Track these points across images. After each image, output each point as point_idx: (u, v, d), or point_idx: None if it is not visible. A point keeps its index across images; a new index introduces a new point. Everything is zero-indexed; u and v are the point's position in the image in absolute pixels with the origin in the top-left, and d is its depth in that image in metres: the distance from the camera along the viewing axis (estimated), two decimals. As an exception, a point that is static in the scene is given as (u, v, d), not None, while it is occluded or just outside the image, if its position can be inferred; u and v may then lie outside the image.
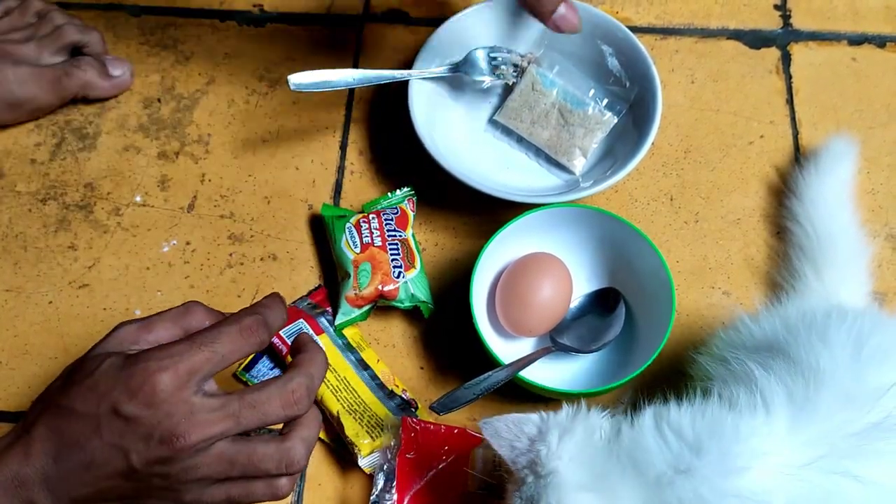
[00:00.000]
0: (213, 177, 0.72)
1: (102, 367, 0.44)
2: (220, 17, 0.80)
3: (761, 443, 0.43)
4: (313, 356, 0.49)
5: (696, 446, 0.44)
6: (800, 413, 0.44)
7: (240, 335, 0.46)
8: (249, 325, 0.46)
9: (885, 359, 0.46)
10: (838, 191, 0.66)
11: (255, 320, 0.47)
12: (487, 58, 0.72)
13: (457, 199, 0.70)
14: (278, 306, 0.49)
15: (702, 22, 0.79)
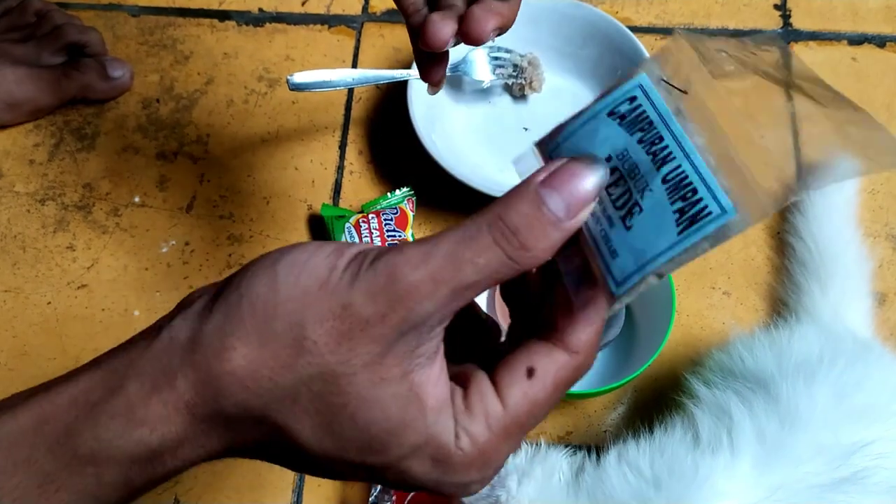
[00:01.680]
0: (212, 177, 0.72)
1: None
2: (219, 17, 0.80)
3: (721, 483, 0.43)
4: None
5: (655, 485, 0.44)
6: (767, 455, 0.45)
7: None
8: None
9: (865, 416, 0.46)
10: (842, 209, 0.66)
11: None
12: (487, 58, 0.72)
13: (456, 200, 0.69)
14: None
15: (702, 22, 0.79)
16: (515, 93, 0.74)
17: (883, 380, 0.48)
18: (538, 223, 0.28)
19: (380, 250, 0.29)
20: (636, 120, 0.31)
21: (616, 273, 0.29)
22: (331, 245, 0.30)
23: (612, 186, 0.30)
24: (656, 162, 0.30)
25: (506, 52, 0.72)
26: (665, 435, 0.48)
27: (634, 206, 0.30)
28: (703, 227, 0.28)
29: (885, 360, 0.51)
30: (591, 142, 0.31)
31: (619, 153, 0.31)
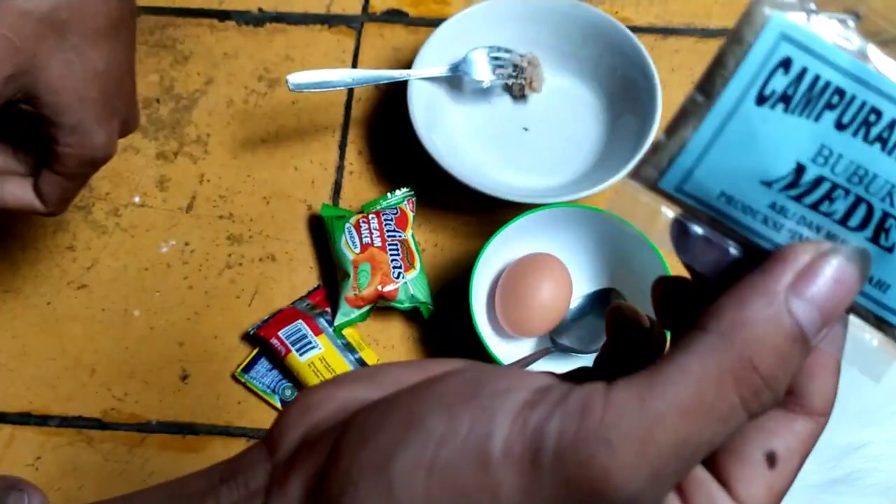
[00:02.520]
0: (212, 177, 0.72)
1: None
2: (219, 17, 0.80)
3: None
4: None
5: None
6: None
7: None
8: None
9: (860, 418, 0.46)
10: None
11: None
12: (487, 58, 0.72)
13: (456, 200, 0.69)
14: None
15: (702, 22, 0.79)
16: (515, 93, 0.73)
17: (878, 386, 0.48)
18: (791, 358, 0.20)
19: (561, 429, 0.19)
20: (813, 94, 0.21)
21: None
22: (465, 416, 0.20)
23: (823, 202, 0.21)
24: (892, 150, 0.20)
25: (506, 52, 0.72)
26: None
27: (886, 218, 0.21)
28: None
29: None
30: (752, 154, 0.21)
31: (815, 156, 0.21)
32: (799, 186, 0.21)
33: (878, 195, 0.21)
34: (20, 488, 0.60)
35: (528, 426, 0.19)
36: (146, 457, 0.62)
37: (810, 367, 0.22)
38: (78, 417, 0.64)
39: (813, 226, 0.21)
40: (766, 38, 0.20)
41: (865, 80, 0.20)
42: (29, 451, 0.62)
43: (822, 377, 0.22)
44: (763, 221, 0.22)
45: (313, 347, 0.62)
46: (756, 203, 0.21)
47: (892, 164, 0.21)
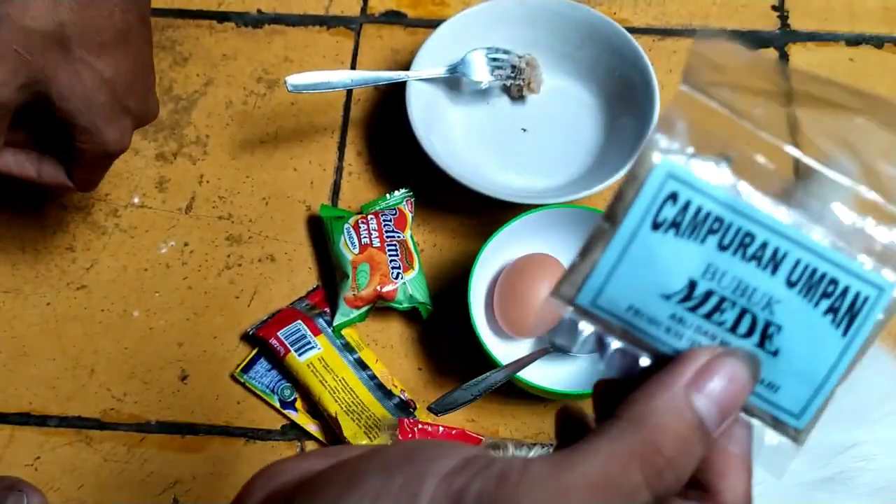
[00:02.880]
0: (212, 178, 0.72)
1: None
2: (218, 19, 0.80)
3: None
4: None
5: None
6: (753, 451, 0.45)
7: None
8: None
9: (853, 418, 0.46)
10: None
11: None
12: (486, 59, 0.72)
13: (455, 201, 0.70)
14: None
15: (700, 22, 0.79)
16: (514, 94, 0.74)
17: (873, 382, 0.48)
18: (692, 446, 0.22)
19: (479, 492, 0.21)
20: (697, 221, 0.24)
21: (789, 406, 0.25)
22: (398, 476, 0.22)
23: (715, 313, 0.24)
24: (765, 266, 0.24)
25: (504, 54, 0.73)
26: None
27: (768, 326, 0.24)
28: (868, 315, 0.24)
29: (876, 362, 0.51)
30: (652, 272, 0.24)
31: (704, 273, 0.24)
32: (693, 299, 0.24)
33: (758, 305, 0.24)
34: (19, 488, 0.60)
35: (452, 488, 0.22)
36: (145, 457, 0.62)
37: (721, 468, 0.24)
38: (77, 417, 0.64)
39: (708, 334, 0.25)
40: (656, 176, 0.24)
41: (738, 210, 0.24)
42: (28, 451, 0.62)
43: (733, 476, 0.25)
44: (666, 330, 0.25)
45: (312, 348, 0.62)
46: (659, 314, 0.25)
47: (767, 278, 0.24)
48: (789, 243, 0.24)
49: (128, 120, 0.55)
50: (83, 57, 0.51)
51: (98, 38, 0.51)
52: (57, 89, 0.51)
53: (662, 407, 0.22)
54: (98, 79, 0.52)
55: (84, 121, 0.52)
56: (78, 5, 0.49)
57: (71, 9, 0.49)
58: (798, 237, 0.24)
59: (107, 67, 0.52)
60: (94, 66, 0.51)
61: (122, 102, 0.54)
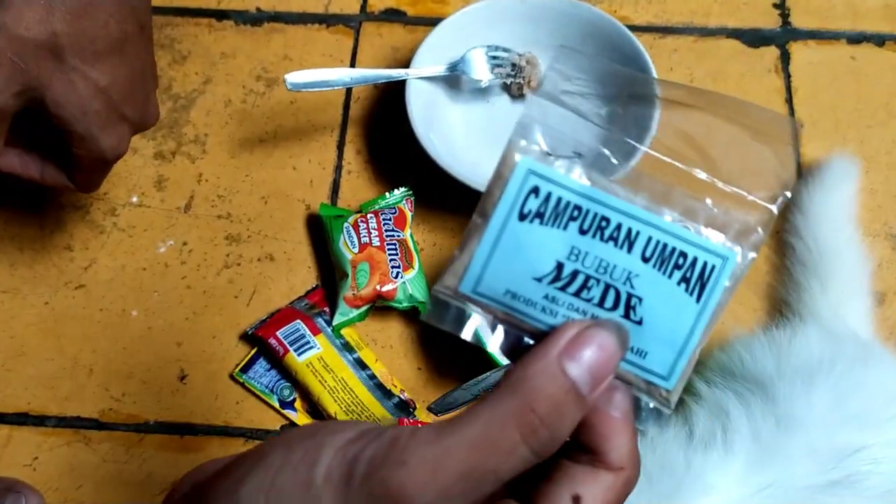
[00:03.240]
0: (210, 177, 0.72)
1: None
2: (217, 17, 0.80)
3: (711, 478, 0.44)
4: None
5: (647, 479, 0.44)
6: (761, 454, 0.45)
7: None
8: None
9: (860, 420, 0.46)
10: (842, 209, 0.66)
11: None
12: (486, 57, 0.72)
13: (455, 200, 0.69)
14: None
15: (701, 21, 0.79)
16: (514, 92, 0.73)
17: (880, 384, 0.48)
18: (566, 406, 0.25)
19: (372, 456, 0.24)
20: (559, 210, 0.27)
21: (658, 369, 0.27)
22: (298, 449, 0.25)
23: (582, 290, 0.27)
24: (622, 245, 0.27)
25: (504, 52, 0.72)
26: (658, 431, 0.48)
27: (630, 298, 0.27)
28: (717, 282, 0.27)
29: (883, 365, 0.51)
30: (523, 258, 0.27)
31: (569, 255, 0.27)
32: (561, 279, 0.27)
33: (619, 280, 0.27)
34: (17, 490, 0.59)
35: (347, 455, 0.24)
36: (144, 457, 0.62)
37: (604, 431, 0.27)
38: (76, 418, 0.63)
39: (579, 310, 0.27)
40: (518, 173, 0.27)
41: (593, 198, 0.27)
42: (26, 451, 0.62)
43: (616, 437, 0.27)
44: (542, 310, 0.27)
45: (311, 347, 0.62)
46: (533, 296, 0.27)
47: (624, 256, 0.27)
48: (640, 224, 0.27)
49: (125, 127, 0.56)
50: (77, 66, 0.51)
51: (92, 47, 0.51)
52: (51, 97, 0.51)
53: (537, 374, 0.25)
54: (93, 87, 0.52)
55: (79, 128, 0.53)
56: (71, 16, 0.50)
57: (64, 19, 0.49)
58: (647, 218, 0.27)
59: (102, 76, 0.52)
60: (89, 74, 0.52)
61: (119, 110, 0.54)
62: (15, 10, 0.48)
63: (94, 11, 0.51)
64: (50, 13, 0.49)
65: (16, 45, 0.49)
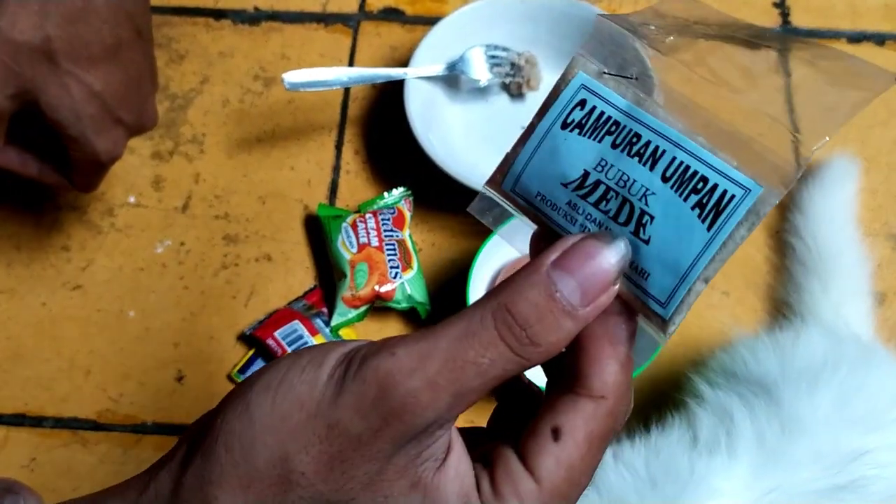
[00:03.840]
0: (208, 177, 0.72)
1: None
2: (215, 16, 0.80)
3: (715, 483, 0.43)
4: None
5: (651, 484, 0.44)
6: (765, 459, 0.44)
7: None
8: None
9: (865, 423, 0.46)
10: (842, 209, 0.65)
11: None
12: (485, 56, 0.72)
13: (453, 199, 0.69)
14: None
15: (700, 20, 0.79)
16: (513, 91, 0.73)
17: (885, 387, 0.48)
18: (550, 314, 0.25)
19: (366, 352, 0.25)
20: (598, 124, 0.28)
21: (657, 293, 0.26)
22: (306, 355, 0.27)
23: (602, 202, 0.27)
24: (645, 162, 0.27)
25: (503, 51, 0.72)
26: (661, 435, 0.47)
27: (643, 215, 0.26)
28: (733, 213, 0.25)
29: (888, 367, 0.51)
30: (556, 163, 0.28)
31: (595, 165, 0.27)
32: (584, 188, 0.28)
33: (636, 196, 0.27)
34: (15, 491, 0.59)
35: (346, 357, 0.26)
36: (141, 458, 0.62)
37: (592, 354, 0.26)
38: (73, 419, 0.63)
39: (595, 220, 0.27)
40: (572, 86, 0.29)
41: (634, 116, 0.27)
42: (24, 452, 0.62)
43: (603, 363, 0.26)
44: (564, 216, 0.28)
45: (310, 348, 0.62)
46: (559, 201, 0.28)
47: (645, 172, 0.27)
48: (669, 143, 0.27)
49: (120, 130, 0.56)
50: (71, 70, 0.52)
51: (86, 51, 0.52)
52: (46, 100, 0.52)
53: (523, 279, 0.25)
54: (87, 91, 0.52)
55: (74, 131, 0.53)
56: (65, 20, 0.50)
57: (58, 24, 0.50)
58: (677, 139, 0.27)
59: (96, 81, 0.53)
60: (83, 79, 0.52)
61: (114, 114, 0.55)
62: (9, 14, 0.49)
63: (88, 17, 0.51)
64: (44, 18, 0.50)
65: (10, 48, 0.49)
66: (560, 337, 0.25)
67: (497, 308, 0.25)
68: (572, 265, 0.25)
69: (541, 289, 0.25)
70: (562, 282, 0.25)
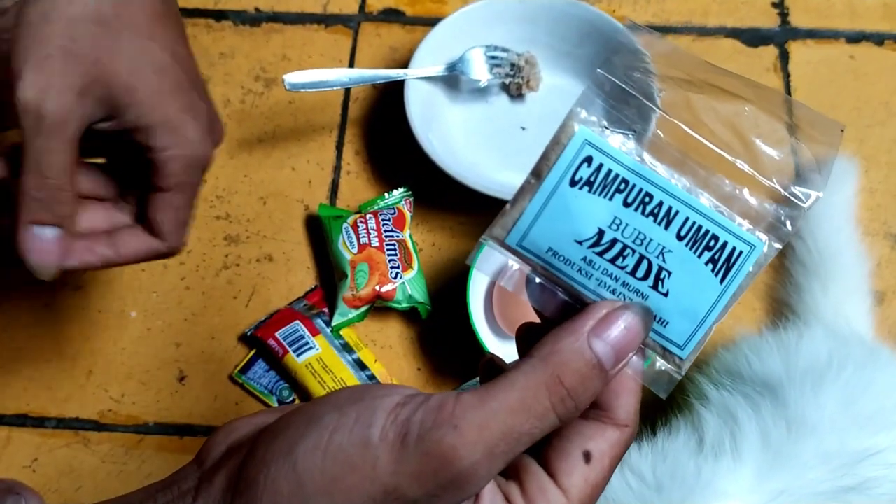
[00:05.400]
0: (209, 177, 0.72)
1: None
2: (216, 17, 0.80)
3: (722, 487, 0.43)
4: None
5: (658, 489, 0.44)
6: (772, 461, 0.44)
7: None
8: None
9: (873, 423, 0.46)
10: (842, 209, 0.66)
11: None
12: (485, 57, 0.72)
13: (454, 200, 0.69)
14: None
15: (700, 20, 0.79)
16: (513, 92, 0.73)
17: (891, 387, 0.48)
18: (591, 380, 0.27)
19: (423, 418, 0.26)
20: (607, 181, 0.29)
21: (676, 338, 0.30)
22: (352, 412, 0.27)
23: (618, 258, 0.29)
24: (660, 221, 0.29)
25: (503, 52, 0.72)
26: (668, 439, 0.47)
27: (661, 271, 0.29)
28: (742, 267, 0.29)
29: (892, 366, 0.50)
30: (568, 221, 0.29)
31: (611, 224, 0.29)
32: (601, 245, 0.29)
33: (653, 253, 0.29)
34: (17, 492, 0.59)
35: (399, 418, 0.26)
36: (143, 458, 0.62)
37: (616, 389, 0.29)
38: (75, 419, 0.63)
39: (612, 276, 0.29)
40: (576, 142, 0.29)
41: (641, 174, 0.29)
42: (26, 452, 0.62)
43: (625, 396, 0.29)
44: (578, 271, 0.30)
45: (311, 348, 0.62)
46: (573, 256, 0.30)
47: (661, 231, 0.29)
48: (680, 204, 0.29)
49: (203, 120, 0.46)
50: (133, 39, 0.43)
51: (140, 15, 0.44)
52: (118, 82, 0.42)
53: (567, 348, 0.27)
54: (157, 62, 0.44)
55: (159, 115, 0.43)
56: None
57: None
58: (687, 199, 0.29)
59: (161, 50, 0.44)
60: (149, 48, 0.44)
61: (189, 96, 0.45)
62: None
63: None
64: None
65: (61, 26, 0.41)
66: (594, 396, 0.28)
67: (551, 381, 0.27)
68: (607, 333, 0.28)
69: (585, 358, 0.27)
70: (600, 349, 0.28)
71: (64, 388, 0.64)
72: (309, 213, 0.70)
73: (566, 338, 0.28)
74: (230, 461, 0.28)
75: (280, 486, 0.26)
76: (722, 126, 0.30)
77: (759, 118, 0.30)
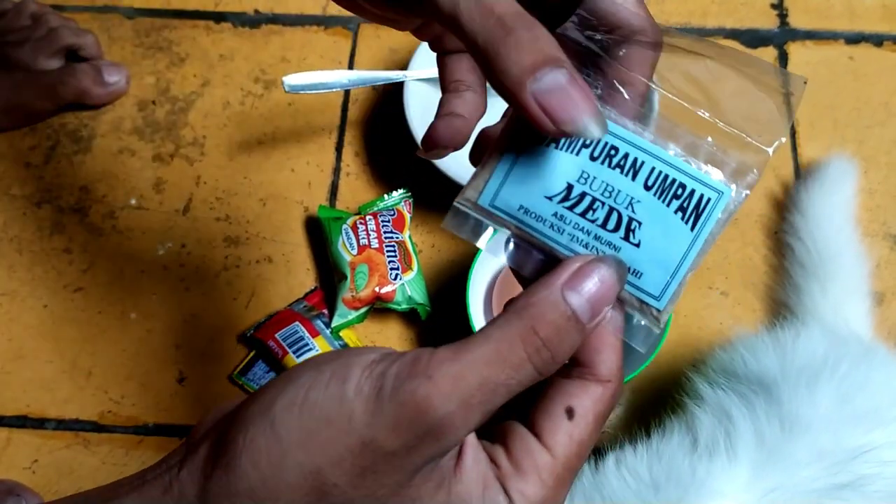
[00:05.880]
0: (209, 179, 0.72)
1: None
2: (215, 19, 0.80)
3: (716, 485, 0.43)
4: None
5: (654, 488, 0.44)
6: (766, 459, 0.44)
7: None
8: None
9: (867, 420, 0.46)
10: (841, 209, 0.66)
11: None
12: (483, 58, 0.72)
13: (453, 201, 0.69)
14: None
15: (699, 21, 0.79)
16: (512, 93, 0.73)
17: (886, 384, 0.48)
18: (567, 332, 0.27)
19: (398, 371, 0.26)
20: (573, 139, 0.29)
21: (651, 289, 0.30)
22: (327, 369, 0.27)
23: (588, 212, 0.29)
24: (627, 173, 0.29)
25: (502, 53, 0.72)
26: (663, 439, 0.47)
27: (631, 222, 0.29)
28: (711, 214, 0.29)
29: (889, 364, 0.50)
30: (536, 178, 0.30)
31: (578, 178, 0.29)
32: (570, 199, 0.29)
33: (622, 205, 0.29)
34: (17, 492, 0.60)
35: (374, 372, 0.26)
36: (143, 459, 0.62)
37: (596, 345, 0.29)
38: (75, 420, 0.63)
39: (584, 229, 0.29)
40: None
41: (608, 130, 0.29)
42: (26, 454, 0.62)
43: (606, 352, 0.29)
44: (551, 227, 0.30)
45: (310, 349, 0.62)
46: (544, 213, 0.30)
47: (628, 182, 0.29)
48: (645, 155, 0.29)
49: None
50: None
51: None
52: None
53: (541, 301, 0.27)
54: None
55: None
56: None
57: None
58: (652, 150, 0.29)
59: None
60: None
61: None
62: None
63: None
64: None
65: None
66: (570, 351, 0.28)
67: (525, 332, 0.27)
68: (581, 286, 0.28)
69: (559, 309, 0.27)
70: (574, 301, 0.27)
71: (64, 390, 0.64)
72: (308, 215, 0.70)
73: (541, 291, 0.28)
74: (214, 432, 0.29)
75: (258, 444, 0.26)
76: (684, 80, 0.31)
77: (720, 72, 0.31)
